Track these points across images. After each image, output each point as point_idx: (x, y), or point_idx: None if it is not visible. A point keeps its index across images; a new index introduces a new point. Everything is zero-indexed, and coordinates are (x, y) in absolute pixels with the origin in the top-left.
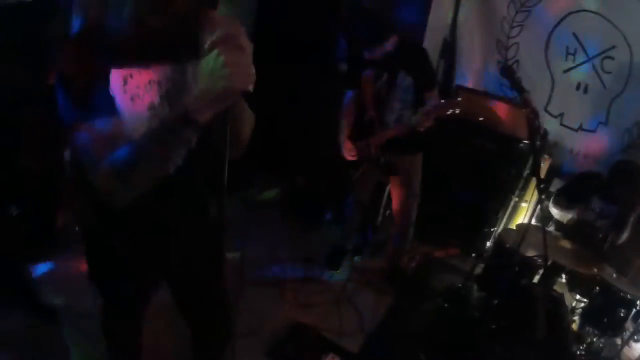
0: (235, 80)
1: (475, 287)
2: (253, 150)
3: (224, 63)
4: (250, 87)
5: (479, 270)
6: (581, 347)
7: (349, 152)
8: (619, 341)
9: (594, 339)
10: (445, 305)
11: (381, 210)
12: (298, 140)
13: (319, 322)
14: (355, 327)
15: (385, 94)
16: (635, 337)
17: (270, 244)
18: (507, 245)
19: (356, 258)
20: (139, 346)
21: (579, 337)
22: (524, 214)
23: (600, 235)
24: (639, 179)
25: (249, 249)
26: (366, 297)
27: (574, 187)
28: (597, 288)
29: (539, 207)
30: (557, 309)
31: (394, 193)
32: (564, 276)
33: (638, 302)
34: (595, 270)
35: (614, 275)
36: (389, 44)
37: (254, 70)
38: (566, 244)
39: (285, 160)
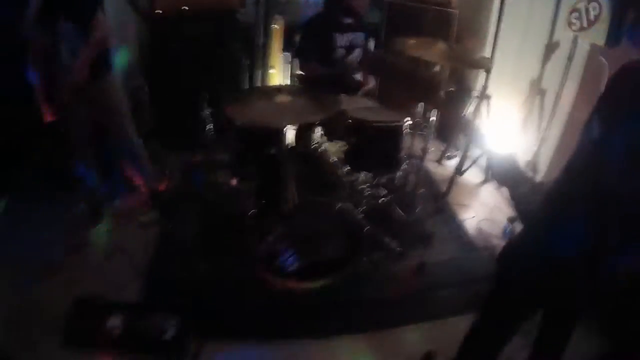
0: None
1: (235, 180)
2: None
3: None
4: None
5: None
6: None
7: (49, 114)
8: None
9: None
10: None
11: None
12: None
13: (100, 287)
14: (131, 277)
15: (54, 48)
16: (448, 154)
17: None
18: (238, 123)
19: (115, 202)
20: None
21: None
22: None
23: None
24: None
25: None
26: (135, 237)
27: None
28: (355, 129)
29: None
30: (317, 160)
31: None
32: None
33: (404, 127)
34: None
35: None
36: None
37: None
38: (284, 98)
39: None
